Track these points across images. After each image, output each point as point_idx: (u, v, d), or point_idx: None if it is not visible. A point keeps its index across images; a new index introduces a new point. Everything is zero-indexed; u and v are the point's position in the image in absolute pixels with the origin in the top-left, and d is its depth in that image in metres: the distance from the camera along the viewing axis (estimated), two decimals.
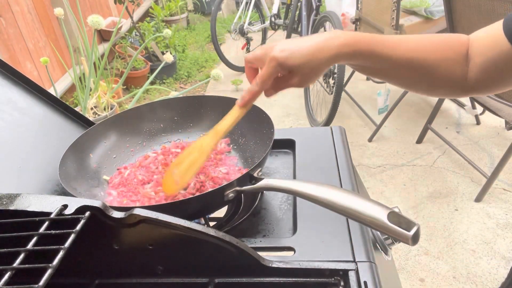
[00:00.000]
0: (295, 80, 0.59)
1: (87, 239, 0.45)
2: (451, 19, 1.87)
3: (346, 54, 0.57)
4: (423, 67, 0.58)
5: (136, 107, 0.87)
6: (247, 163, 0.78)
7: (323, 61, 0.57)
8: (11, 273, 0.35)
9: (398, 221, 0.49)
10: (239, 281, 0.55)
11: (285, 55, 0.57)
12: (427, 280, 1.61)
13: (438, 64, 0.58)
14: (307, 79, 0.59)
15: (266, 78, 0.59)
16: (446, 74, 0.59)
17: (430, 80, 0.60)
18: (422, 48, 0.58)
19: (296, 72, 0.58)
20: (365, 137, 2.57)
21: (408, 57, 0.58)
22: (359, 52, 0.57)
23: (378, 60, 0.58)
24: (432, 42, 0.59)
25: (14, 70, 0.77)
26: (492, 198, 1.97)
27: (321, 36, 0.57)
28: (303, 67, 0.57)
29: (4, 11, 2.32)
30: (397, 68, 0.59)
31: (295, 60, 0.57)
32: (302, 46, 0.57)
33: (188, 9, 5.01)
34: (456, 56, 0.58)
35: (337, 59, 0.57)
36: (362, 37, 0.57)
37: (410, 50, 0.58)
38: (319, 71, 0.58)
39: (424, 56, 0.58)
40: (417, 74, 0.60)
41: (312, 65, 0.57)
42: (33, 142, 0.75)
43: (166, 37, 2.41)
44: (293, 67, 0.57)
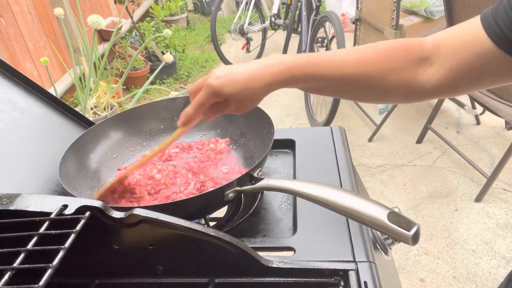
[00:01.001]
0: (232, 106, 0.60)
1: (87, 239, 0.45)
2: (451, 19, 1.87)
3: (281, 81, 0.57)
4: (367, 81, 0.57)
5: (136, 107, 0.87)
6: (247, 163, 0.78)
7: (258, 90, 0.57)
8: (11, 273, 0.35)
9: (398, 221, 0.49)
10: (239, 281, 0.55)
11: (219, 83, 0.57)
12: (427, 280, 1.61)
13: (383, 75, 0.57)
14: (242, 106, 0.60)
15: (201, 103, 0.59)
16: (396, 83, 0.57)
17: (379, 91, 0.59)
18: (364, 62, 0.57)
19: (231, 100, 0.58)
20: (365, 137, 2.57)
21: (350, 73, 0.57)
22: (295, 77, 0.57)
23: (318, 81, 0.58)
24: (376, 54, 0.58)
25: (14, 70, 0.77)
26: (492, 198, 1.97)
27: (258, 64, 0.57)
28: (237, 96, 0.57)
29: (4, 11, 2.32)
30: (341, 85, 0.58)
31: (229, 88, 0.57)
32: (237, 74, 0.57)
33: (188, 9, 5.01)
34: (406, 63, 0.56)
35: (272, 87, 0.57)
36: (299, 61, 0.57)
37: (351, 67, 0.57)
38: (254, 99, 0.59)
39: (367, 70, 0.57)
40: (363, 88, 0.59)
41: (247, 94, 0.57)
42: (33, 142, 0.75)
43: (166, 37, 2.41)
44: (228, 96, 0.57)
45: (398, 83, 0.57)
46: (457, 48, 0.53)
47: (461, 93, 0.59)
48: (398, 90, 0.58)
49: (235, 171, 0.76)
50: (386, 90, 0.58)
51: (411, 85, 0.57)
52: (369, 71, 0.57)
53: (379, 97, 0.62)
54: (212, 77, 0.58)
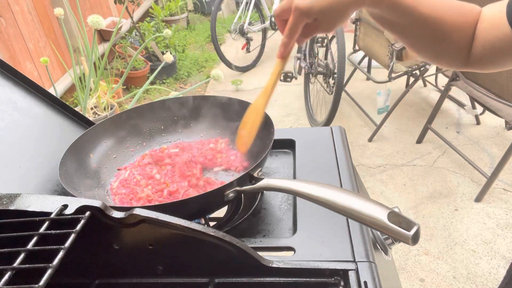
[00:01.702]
0: (322, 26, 0.60)
1: (87, 239, 0.45)
2: None
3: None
4: (437, 29, 0.59)
5: (136, 107, 0.87)
6: (247, 163, 0.78)
7: (347, 3, 0.57)
8: (11, 273, 0.35)
9: (398, 221, 0.49)
10: (239, 281, 0.55)
11: (307, 3, 0.57)
12: (427, 280, 1.61)
13: (451, 29, 0.58)
14: (333, 23, 0.59)
15: (293, 28, 0.60)
16: (456, 41, 0.59)
17: (441, 43, 0.61)
18: (441, 8, 0.58)
19: (322, 18, 0.58)
20: (365, 137, 2.57)
21: (427, 14, 0.58)
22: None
23: (399, 12, 0.58)
24: (451, 5, 0.59)
25: (14, 70, 0.77)
26: (492, 198, 1.97)
27: None
28: (327, 12, 0.57)
29: (4, 11, 2.32)
30: (414, 24, 0.59)
31: (318, 7, 0.57)
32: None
33: (188, 9, 5.01)
34: (468, 25, 0.59)
35: (360, 2, 0.57)
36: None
37: (430, 8, 0.58)
38: (343, 15, 0.58)
39: (441, 17, 0.58)
40: (430, 35, 0.60)
41: (337, 8, 0.57)
42: (33, 142, 0.75)
43: (166, 37, 2.41)
44: (318, 14, 0.57)
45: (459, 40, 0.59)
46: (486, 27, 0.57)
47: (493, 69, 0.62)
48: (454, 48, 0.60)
49: (235, 171, 0.76)
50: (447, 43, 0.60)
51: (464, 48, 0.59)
52: (442, 18, 0.58)
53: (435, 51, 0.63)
54: (298, 0, 0.58)
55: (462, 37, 0.59)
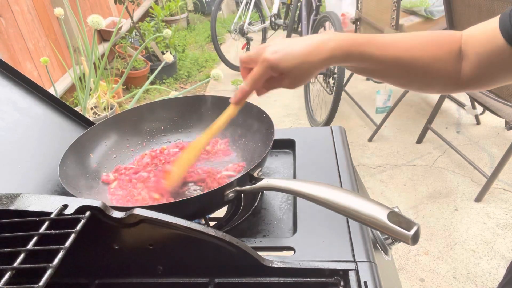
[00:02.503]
0: (286, 81, 0.60)
1: (87, 239, 0.45)
2: (451, 19, 1.87)
3: (337, 57, 0.57)
4: (415, 67, 0.59)
5: (136, 107, 0.87)
6: (247, 163, 0.78)
7: (315, 64, 0.57)
8: (11, 273, 0.35)
9: (398, 221, 0.49)
10: (239, 281, 0.55)
11: (276, 58, 0.57)
12: (427, 280, 1.61)
13: (429, 63, 0.59)
14: (298, 81, 0.60)
15: (257, 79, 0.60)
16: (437, 72, 0.59)
17: (423, 78, 0.61)
18: (413, 47, 0.59)
19: (287, 74, 0.58)
20: (365, 137, 2.57)
21: (399, 57, 0.58)
22: (350, 54, 0.57)
23: (370, 61, 0.58)
24: (423, 41, 0.59)
25: (14, 70, 0.77)
26: (492, 198, 1.97)
27: (313, 39, 0.58)
28: (294, 70, 0.57)
29: (4, 11, 2.32)
30: (389, 68, 0.60)
31: (286, 63, 0.57)
32: (294, 48, 0.57)
33: (188, 9, 5.01)
34: (447, 54, 0.58)
35: (328, 63, 0.58)
36: (354, 39, 0.57)
37: (401, 50, 0.58)
38: (310, 74, 0.59)
39: (414, 56, 0.58)
40: (409, 73, 0.60)
41: (304, 68, 0.57)
42: (33, 142, 0.75)
43: (166, 37, 2.41)
44: (284, 70, 0.58)
45: (442, 71, 0.59)
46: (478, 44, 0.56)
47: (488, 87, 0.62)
48: (440, 79, 0.60)
49: (235, 171, 0.76)
50: (430, 77, 0.60)
51: (451, 75, 0.59)
52: (418, 56, 0.58)
53: (423, 85, 0.63)
54: (268, 52, 0.58)
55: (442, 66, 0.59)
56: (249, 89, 0.62)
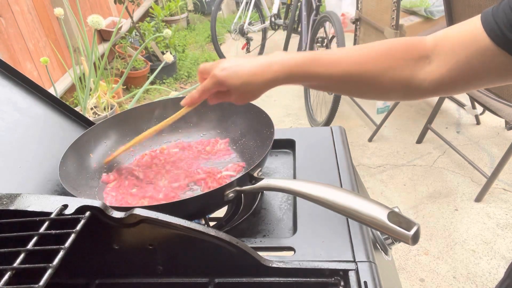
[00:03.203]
0: (233, 97, 0.64)
1: (87, 239, 0.45)
2: (451, 19, 1.87)
3: (280, 79, 0.60)
4: (366, 79, 0.59)
5: (136, 107, 0.87)
6: (247, 163, 0.78)
7: (259, 85, 0.61)
8: (11, 273, 0.35)
9: (398, 221, 0.50)
10: (239, 281, 0.55)
11: (223, 75, 0.61)
12: (427, 280, 1.61)
13: (379, 74, 0.58)
14: (243, 99, 0.64)
15: (205, 90, 0.65)
16: (393, 82, 0.58)
17: (378, 88, 0.60)
18: (363, 60, 0.59)
19: (234, 91, 0.63)
20: (365, 137, 2.57)
21: (348, 72, 0.59)
22: (295, 76, 0.59)
23: (316, 79, 0.60)
24: (375, 52, 0.59)
25: (14, 70, 0.77)
26: (492, 198, 1.97)
27: (260, 61, 0.61)
28: (239, 89, 0.62)
29: (4, 11, 2.32)
30: (339, 83, 0.61)
31: (232, 81, 0.61)
32: (241, 68, 0.61)
33: (188, 9, 5.01)
34: (404, 61, 0.57)
35: (273, 84, 0.61)
36: (299, 60, 0.59)
37: (348, 66, 0.59)
38: (254, 93, 0.63)
39: (365, 69, 0.58)
40: (363, 85, 0.61)
41: (249, 88, 0.61)
42: (33, 142, 0.75)
43: (166, 37, 2.41)
44: (230, 87, 0.62)
45: (396, 80, 0.58)
46: (457, 46, 0.54)
47: (460, 92, 0.59)
48: (397, 88, 0.59)
49: (235, 171, 0.76)
50: (385, 87, 0.60)
51: (409, 83, 0.58)
52: (367, 69, 0.58)
53: (379, 95, 0.64)
54: (218, 68, 0.62)
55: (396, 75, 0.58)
56: (198, 97, 0.67)
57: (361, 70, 0.58)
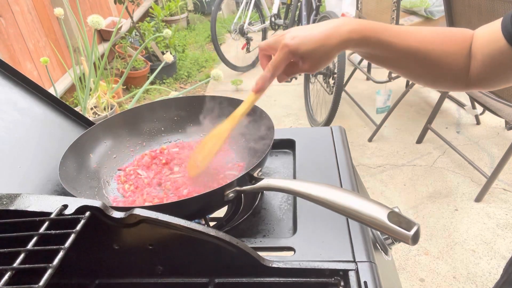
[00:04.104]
0: (306, 65, 0.61)
1: (87, 239, 0.45)
2: (451, 19, 1.87)
3: (354, 40, 0.58)
4: (427, 59, 0.59)
5: (136, 107, 0.86)
6: (247, 163, 0.78)
7: (333, 47, 0.59)
8: (11, 273, 0.35)
9: (398, 221, 0.49)
10: (239, 281, 0.55)
11: (296, 42, 0.59)
12: (427, 280, 1.61)
13: (442, 57, 0.59)
14: (317, 64, 0.61)
15: (278, 65, 0.62)
16: (449, 67, 0.60)
17: (435, 72, 0.61)
18: (428, 40, 0.59)
19: (307, 58, 0.60)
20: (365, 137, 2.57)
21: (414, 47, 0.59)
22: (367, 38, 0.58)
23: (385, 48, 0.59)
24: (438, 35, 0.60)
25: (14, 70, 0.77)
26: (492, 198, 1.97)
27: (330, 23, 0.59)
28: (313, 54, 0.59)
29: (4, 11, 2.32)
30: (403, 57, 0.60)
31: (306, 46, 0.58)
32: (312, 33, 0.59)
33: (188, 9, 5.01)
34: (460, 50, 0.59)
35: (346, 45, 0.59)
36: (371, 24, 0.59)
37: (416, 41, 0.59)
38: (329, 56, 0.60)
39: (429, 48, 0.59)
40: (422, 65, 0.61)
41: (323, 51, 0.59)
42: (33, 142, 0.74)
43: (166, 37, 2.41)
44: (304, 54, 0.59)
45: (453, 67, 0.60)
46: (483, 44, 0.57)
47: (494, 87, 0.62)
48: (450, 74, 0.61)
49: (235, 171, 0.76)
50: (441, 71, 0.61)
51: (461, 72, 0.60)
52: (432, 48, 0.59)
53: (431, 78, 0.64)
54: (287, 38, 0.60)
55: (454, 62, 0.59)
56: (270, 76, 0.63)
57: (427, 48, 0.59)
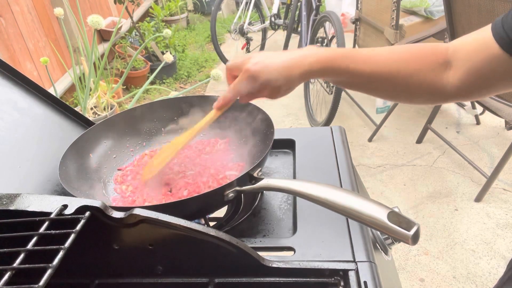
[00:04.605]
0: (266, 92, 0.63)
1: (87, 239, 0.45)
2: (451, 19, 1.87)
3: (316, 71, 0.59)
4: (395, 79, 0.59)
5: (136, 107, 0.87)
6: (247, 163, 0.78)
7: (294, 78, 0.60)
8: (11, 273, 0.35)
9: (398, 221, 0.49)
10: (239, 281, 0.55)
11: (257, 69, 0.60)
12: (427, 280, 1.61)
13: (411, 75, 0.59)
14: (277, 93, 0.63)
15: (238, 88, 0.63)
16: (420, 84, 0.60)
17: (407, 90, 0.61)
18: (391, 61, 0.59)
19: (267, 86, 0.61)
20: (365, 137, 2.57)
21: (380, 70, 0.59)
22: (330, 69, 0.59)
23: (350, 75, 0.60)
24: (404, 54, 0.60)
25: (14, 70, 0.77)
26: (492, 198, 1.97)
27: (294, 53, 0.60)
28: (273, 82, 0.60)
29: (4, 11, 2.32)
30: (371, 82, 0.61)
31: (266, 74, 0.60)
32: (275, 62, 0.60)
33: (188, 9, 5.01)
34: (430, 65, 0.59)
35: (308, 76, 0.60)
36: (332, 54, 0.59)
37: (381, 64, 0.59)
38: (290, 87, 0.62)
39: (395, 68, 0.59)
40: (393, 86, 0.61)
41: (283, 81, 0.60)
42: (33, 142, 0.74)
43: (166, 37, 2.41)
44: (264, 81, 0.60)
45: (423, 83, 0.59)
46: (470, 52, 0.56)
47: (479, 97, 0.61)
48: (423, 90, 0.60)
49: (235, 171, 0.76)
50: (412, 89, 0.61)
51: (435, 86, 0.59)
52: (397, 69, 0.59)
53: (405, 97, 0.64)
54: (250, 63, 0.61)
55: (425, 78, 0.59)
56: (231, 96, 0.65)
57: (392, 69, 0.59)
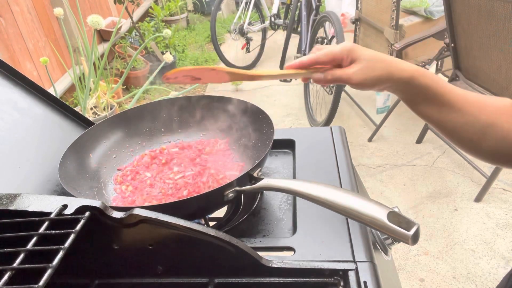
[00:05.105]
0: (353, 70, 0.57)
1: (87, 239, 0.45)
2: (451, 19, 1.87)
3: (415, 79, 0.57)
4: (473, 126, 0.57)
5: (135, 107, 0.86)
6: (247, 163, 0.78)
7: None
8: (11, 273, 0.35)
9: (398, 221, 0.50)
10: (239, 281, 0.55)
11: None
12: (427, 280, 1.61)
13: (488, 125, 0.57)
14: (366, 73, 0.57)
15: (329, 53, 0.58)
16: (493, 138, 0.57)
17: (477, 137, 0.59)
18: (478, 102, 0.57)
19: (361, 62, 0.57)
20: (365, 137, 2.57)
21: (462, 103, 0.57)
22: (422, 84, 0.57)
23: (433, 95, 0.57)
24: (489, 103, 0.58)
25: (14, 70, 0.77)
26: (492, 198, 1.97)
27: None
28: (370, 60, 0.57)
29: (4, 11, 2.32)
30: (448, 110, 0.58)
31: (365, 50, 0.57)
32: (386, 58, 0.58)
33: (188, 9, 5.01)
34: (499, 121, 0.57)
35: (408, 79, 0.57)
36: (424, 72, 0.58)
37: (465, 97, 0.57)
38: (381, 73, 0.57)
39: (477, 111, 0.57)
40: (465, 132, 0.58)
41: (378, 62, 0.57)
42: (33, 142, 0.74)
43: (166, 37, 2.41)
44: (360, 57, 0.57)
45: (498, 138, 0.57)
46: None
47: None
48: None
49: (235, 171, 0.76)
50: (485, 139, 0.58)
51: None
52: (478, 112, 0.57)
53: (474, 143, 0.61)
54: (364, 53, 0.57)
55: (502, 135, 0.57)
56: (307, 62, 0.59)
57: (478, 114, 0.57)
